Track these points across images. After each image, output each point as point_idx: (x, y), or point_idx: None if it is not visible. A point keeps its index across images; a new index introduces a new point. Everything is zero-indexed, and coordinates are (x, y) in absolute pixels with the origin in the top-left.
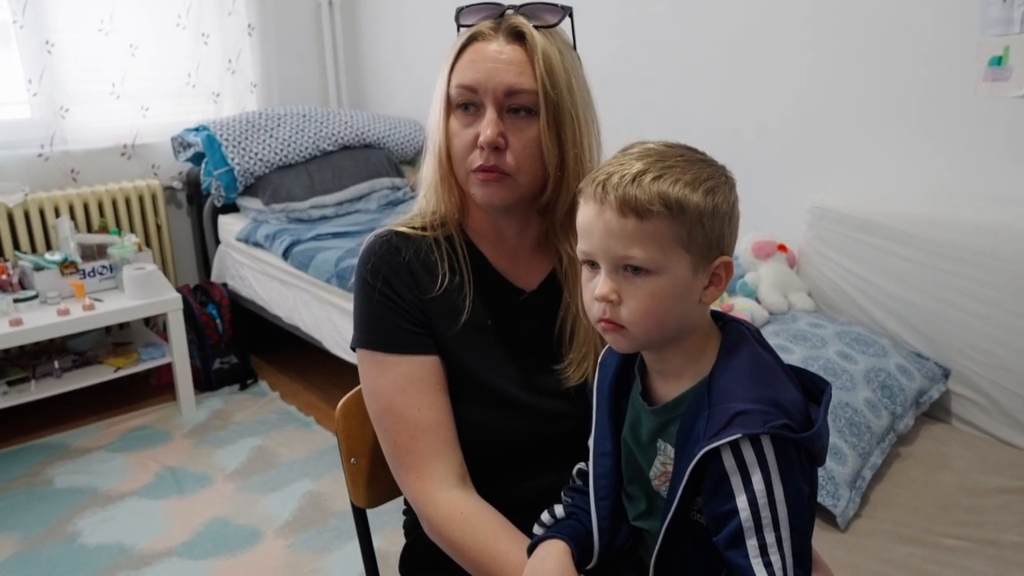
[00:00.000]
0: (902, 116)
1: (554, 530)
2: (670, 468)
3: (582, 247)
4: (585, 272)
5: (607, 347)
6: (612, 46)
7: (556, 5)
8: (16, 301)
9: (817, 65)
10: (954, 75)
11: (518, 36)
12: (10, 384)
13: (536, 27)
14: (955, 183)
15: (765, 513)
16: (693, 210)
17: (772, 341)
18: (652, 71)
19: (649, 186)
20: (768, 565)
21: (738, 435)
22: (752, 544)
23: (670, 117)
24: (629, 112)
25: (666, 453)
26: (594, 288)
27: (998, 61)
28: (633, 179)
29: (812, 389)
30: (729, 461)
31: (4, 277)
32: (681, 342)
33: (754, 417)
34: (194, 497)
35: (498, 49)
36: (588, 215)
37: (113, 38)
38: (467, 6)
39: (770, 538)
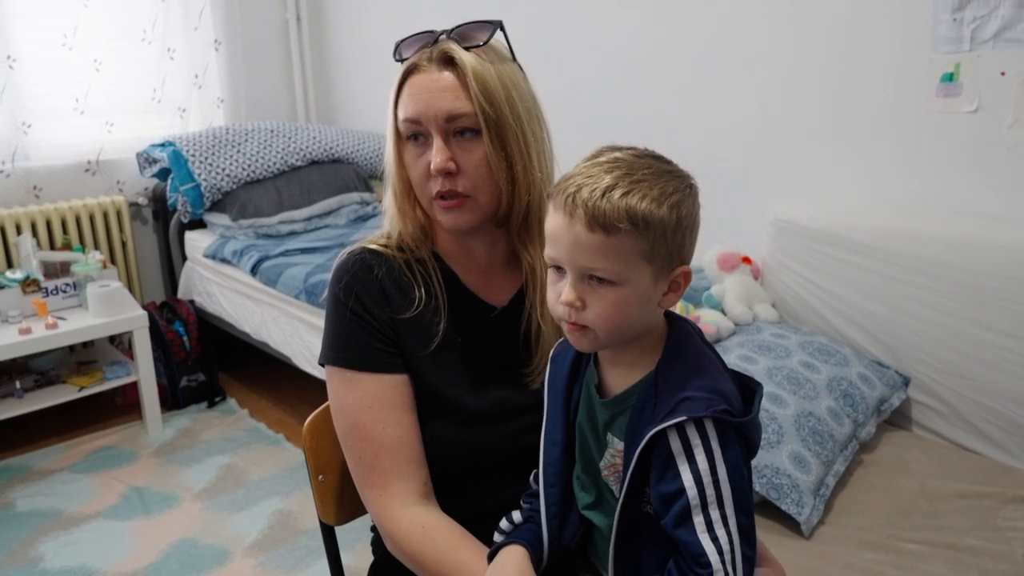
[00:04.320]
0: (862, 131)
1: (512, 535)
2: (619, 461)
3: (550, 253)
4: (551, 274)
5: (558, 343)
6: (578, 61)
7: (485, 22)
8: None
9: (779, 81)
10: (909, 92)
11: (449, 62)
12: None
13: (468, 47)
14: (912, 196)
15: (710, 491)
16: (658, 225)
17: (737, 352)
18: (618, 85)
19: (618, 202)
20: (715, 540)
21: (683, 418)
22: (699, 521)
23: (635, 131)
24: (594, 125)
25: (614, 447)
26: (560, 291)
27: (950, 78)
28: (603, 194)
29: (746, 390)
30: (675, 443)
31: None
32: (638, 340)
33: (698, 402)
34: (161, 518)
35: (433, 78)
36: (557, 225)
37: (77, 53)
38: (403, 39)
39: (715, 514)
